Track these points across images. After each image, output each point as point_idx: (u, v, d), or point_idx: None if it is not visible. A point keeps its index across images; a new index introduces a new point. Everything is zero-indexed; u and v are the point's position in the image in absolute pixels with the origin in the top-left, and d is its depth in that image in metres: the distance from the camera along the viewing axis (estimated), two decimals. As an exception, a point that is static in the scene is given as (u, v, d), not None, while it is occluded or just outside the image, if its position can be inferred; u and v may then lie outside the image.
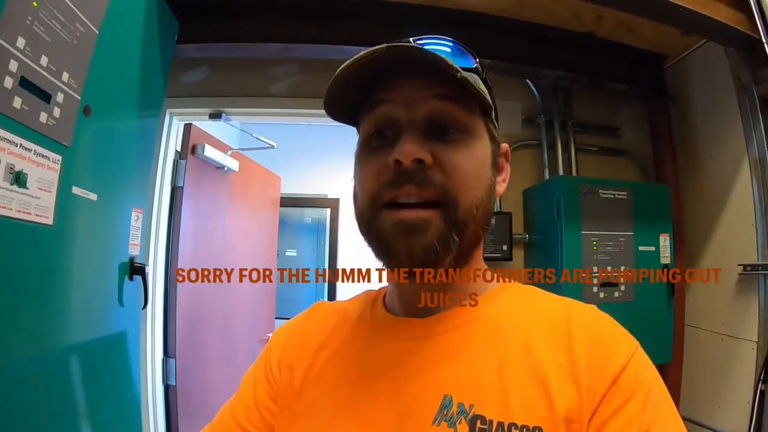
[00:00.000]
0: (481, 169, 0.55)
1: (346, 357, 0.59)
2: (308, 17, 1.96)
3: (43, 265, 1.11)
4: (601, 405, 0.46)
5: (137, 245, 1.56)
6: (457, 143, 0.53)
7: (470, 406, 0.49)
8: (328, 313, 0.69)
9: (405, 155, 0.49)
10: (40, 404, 1.09)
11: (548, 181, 2.18)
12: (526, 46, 2.07)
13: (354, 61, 0.50)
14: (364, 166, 0.55)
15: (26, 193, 1.02)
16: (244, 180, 2.85)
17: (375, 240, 0.53)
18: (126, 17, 1.37)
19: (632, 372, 0.48)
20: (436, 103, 0.52)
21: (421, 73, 0.52)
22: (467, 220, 0.52)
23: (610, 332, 0.53)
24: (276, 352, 0.66)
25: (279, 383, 0.62)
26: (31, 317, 1.07)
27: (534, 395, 0.48)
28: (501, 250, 2.06)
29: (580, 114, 2.32)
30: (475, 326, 0.55)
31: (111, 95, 1.34)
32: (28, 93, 0.99)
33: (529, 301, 0.59)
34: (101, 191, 1.31)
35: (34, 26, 0.97)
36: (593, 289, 1.90)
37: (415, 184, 0.50)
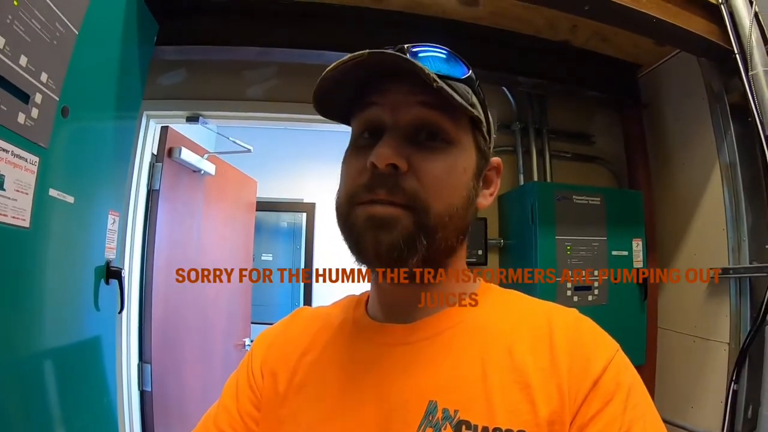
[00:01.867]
0: (459, 179, 0.55)
1: (330, 364, 0.59)
2: (285, 21, 1.96)
3: (18, 268, 1.08)
4: (582, 407, 0.47)
5: (114, 248, 1.54)
6: (437, 151, 0.54)
7: (455, 412, 0.49)
8: (310, 318, 0.69)
9: (380, 158, 0.50)
10: (13, 409, 1.06)
11: (523, 186, 2.21)
12: (501, 54, 2.10)
13: (339, 63, 0.51)
14: (348, 164, 0.57)
15: (3, 195, 1.00)
16: (220, 184, 2.82)
17: (348, 233, 0.54)
18: (106, 18, 1.36)
19: (612, 374, 0.49)
20: (421, 109, 0.53)
21: (410, 78, 0.52)
22: (437, 226, 0.52)
23: (590, 336, 0.54)
24: (258, 358, 0.65)
25: (262, 390, 0.62)
26: (5, 320, 1.04)
27: (517, 399, 0.49)
28: (476, 254, 2.09)
29: (555, 121, 2.37)
30: (458, 331, 0.56)
31: (89, 96, 1.33)
32: (7, 93, 0.98)
33: (510, 305, 0.60)
34: (78, 193, 1.29)
35: (14, 25, 0.96)
36: (567, 292, 1.94)
37: (386, 189, 0.51)
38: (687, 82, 2.07)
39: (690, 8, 1.72)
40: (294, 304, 4.07)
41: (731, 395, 1.72)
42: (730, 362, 1.78)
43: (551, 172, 2.28)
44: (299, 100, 2.30)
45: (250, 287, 3.25)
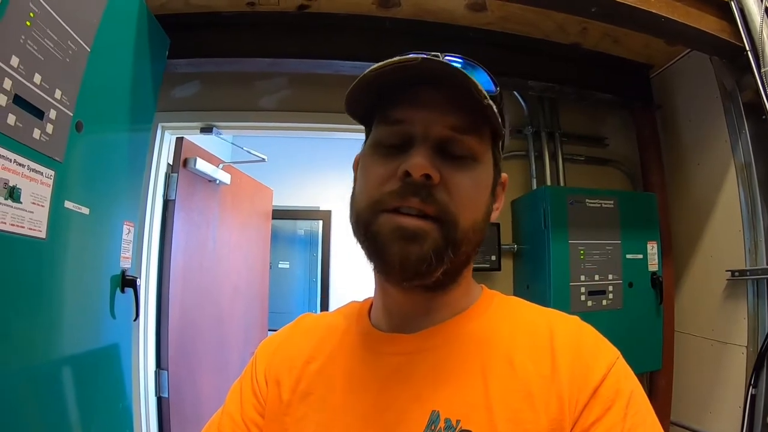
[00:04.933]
0: (483, 195, 0.57)
1: (334, 373, 0.60)
2: (295, 32, 1.99)
3: (36, 278, 1.12)
4: (582, 415, 0.48)
5: (129, 258, 1.58)
6: (465, 166, 0.54)
7: (457, 422, 0.50)
8: (314, 325, 0.69)
9: (415, 168, 0.50)
10: (32, 416, 1.10)
11: (535, 191, 2.20)
12: (512, 59, 2.10)
13: (386, 64, 0.51)
14: (370, 170, 0.56)
15: (20, 208, 1.04)
16: (235, 193, 2.87)
17: (371, 242, 0.53)
18: (117, 34, 1.40)
19: (612, 381, 0.50)
20: (451, 132, 0.54)
21: (445, 91, 0.53)
22: (463, 240, 0.53)
23: (591, 343, 0.54)
24: (262, 365, 0.66)
25: (265, 397, 0.62)
26: (24, 329, 1.08)
27: (519, 408, 0.49)
28: (489, 260, 2.09)
29: (567, 124, 2.36)
30: (460, 342, 0.56)
31: (103, 111, 1.37)
32: (22, 110, 1.02)
33: (512, 314, 0.60)
34: (93, 205, 1.33)
35: (27, 45, 1.00)
36: (581, 297, 1.91)
37: (420, 199, 0.51)
38: (699, 82, 2.04)
39: (700, 6, 1.69)
40: (311, 311, 4.09)
41: (749, 400, 1.69)
42: (748, 366, 1.75)
43: (564, 176, 2.27)
44: (312, 110, 2.33)
45: (266, 295, 3.29)
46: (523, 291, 2.14)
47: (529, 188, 2.27)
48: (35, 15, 1.01)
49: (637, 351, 1.94)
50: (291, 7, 1.94)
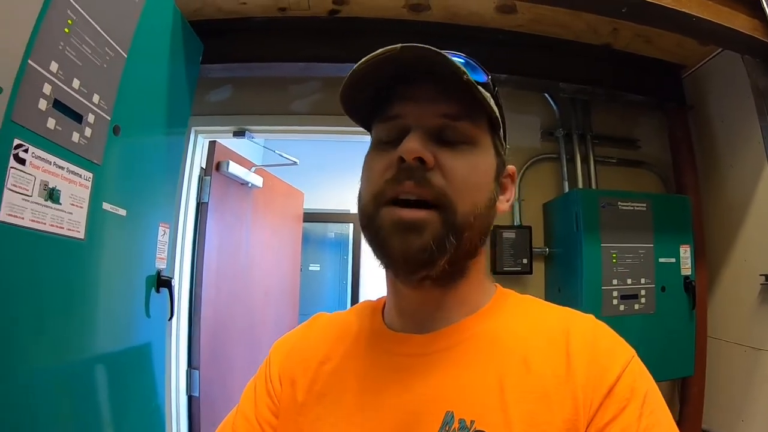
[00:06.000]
0: (482, 180, 0.56)
1: (348, 373, 0.59)
2: (327, 37, 2.01)
3: (74, 277, 1.16)
4: (597, 414, 0.47)
5: (164, 259, 1.62)
6: (461, 151, 0.54)
7: (471, 422, 0.49)
8: (327, 325, 0.69)
9: (407, 152, 0.51)
10: (68, 411, 1.13)
11: (567, 194, 2.16)
12: (543, 60, 2.08)
13: (369, 58, 0.52)
14: (371, 166, 0.57)
15: (59, 209, 1.07)
16: (267, 196, 2.91)
17: (375, 237, 0.54)
18: (152, 41, 1.44)
19: (628, 381, 0.49)
20: (443, 120, 0.54)
21: (436, 78, 0.54)
22: (464, 226, 0.53)
23: (607, 342, 0.54)
24: (276, 365, 0.66)
25: (280, 397, 0.62)
26: (62, 327, 1.12)
27: (534, 409, 0.48)
28: (521, 263, 2.07)
29: (599, 126, 2.32)
30: (475, 342, 0.56)
31: (139, 115, 1.41)
32: (62, 114, 1.05)
33: (527, 313, 0.59)
34: (130, 207, 1.37)
35: (66, 51, 1.04)
36: (613, 301, 1.87)
37: (414, 182, 0.51)
38: (732, 81, 1.97)
39: (731, 5, 1.63)
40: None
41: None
42: (783, 373, 1.68)
43: (596, 179, 2.22)
44: (343, 113, 2.34)
45: (297, 296, 3.31)
46: (554, 294, 2.11)
47: (560, 191, 2.23)
48: (73, 22, 1.05)
49: (669, 356, 1.91)
50: (322, 12, 1.96)
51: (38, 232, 1.01)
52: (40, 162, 1.01)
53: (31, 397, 1.01)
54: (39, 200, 1.01)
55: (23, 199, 0.96)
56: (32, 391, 1.02)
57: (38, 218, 1.01)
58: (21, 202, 0.96)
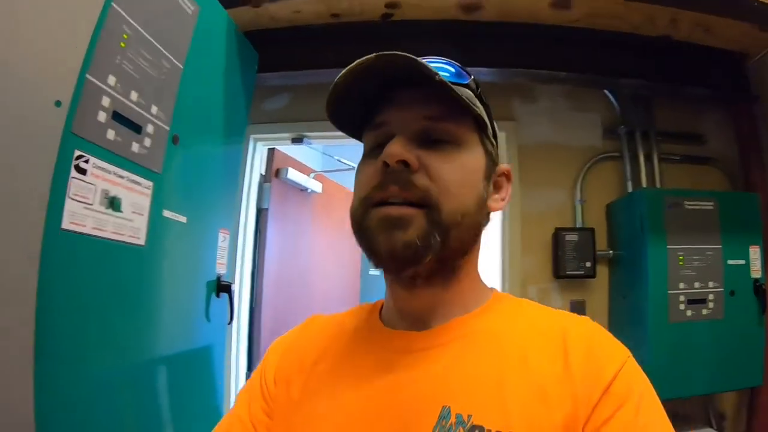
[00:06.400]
0: (469, 178, 0.57)
1: (344, 370, 0.60)
2: (381, 41, 1.99)
3: (136, 282, 1.20)
4: (595, 412, 0.48)
5: (224, 264, 1.66)
6: (445, 151, 0.56)
7: (468, 417, 0.49)
8: (324, 326, 0.70)
9: (390, 156, 0.52)
10: (130, 411, 1.18)
11: (631, 194, 2.06)
12: (600, 56, 1.98)
13: (346, 71, 0.53)
14: (360, 173, 0.58)
15: (120, 217, 1.12)
16: (327, 201, 2.94)
17: (364, 237, 0.55)
18: (208, 52, 1.48)
19: (624, 380, 0.50)
20: (427, 122, 0.56)
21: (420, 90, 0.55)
22: (450, 224, 0.53)
23: (603, 342, 0.54)
24: (272, 366, 0.66)
25: (275, 398, 0.62)
26: (125, 329, 1.16)
27: (532, 405, 0.49)
28: (584, 267, 1.97)
29: (662, 122, 2.19)
30: (472, 339, 0.56)
31: (197, 125, 1.45)
32: (121, 125, 1.10)
33: (524, 314, 0.60)
34: (190, 214, 1.41)
35: (123, 65, 1.08)
36: (680, 306, 1.76)
37: (399, 186, 0.52)
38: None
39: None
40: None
41: None
42: None
43: (660, 177, 2.10)
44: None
45: (357, 300, 3.33)
46: (618, 300, 2.01)
47: (624, 191, 2.12)
48: (129, 36, 1.09)
49: (737, 365, 1.78)
50: (375, 16, 1.95)
51: (100, 239, 1.05)
52: (101, 172, 1.05)
53: (100, 395, 1.06)
54: (100, 209, 1.05)
55: (85, 207, 1.01)
56: (100, 390, 1.07)
57: (100, 226, 1.05)
58: (82, 211, 1.00)
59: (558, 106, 2.24)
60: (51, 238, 0.91)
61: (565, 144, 2.20)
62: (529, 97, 2.26)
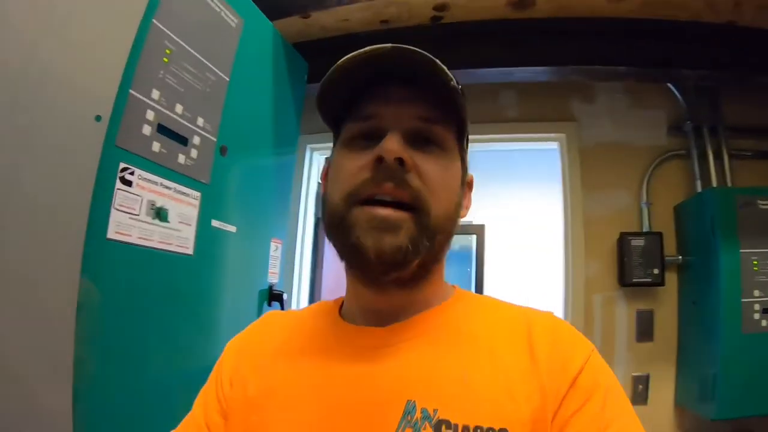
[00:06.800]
0: (453, 185, 0.58)
1: (303, 367, 0.58)
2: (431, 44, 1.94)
3: (185, 290, 1.23)
4: (563, 405, 0.48)
5: (276, 273, 1.67)
6: (434, 154, 0.56)
7: (434, 411, 0.49)
8: (281, 322, 0.68)
9: (389, 152, 0.51)
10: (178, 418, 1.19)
11: (700, 194, 1.91)
12: (660, 48, 1.84)
13: (356, 54, 0.54)
14: (343, 164, 0.57)
15: (167, 227, 1.15)
16: (386, 209, 2.92)
17: (345, 236, 0.53)
18: (254, 64, 1.50)
19: (590, 373, 0.51)
20: (419, 122, 0.56)
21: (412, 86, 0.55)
22: (437, 229, 0.54)
23: (567, 336, 0.55)
24: (228, 366, 0.64)
25: (229, 399, 0.60)
26: (169, 338, 1.18)
27: (499, 397, 0.49)
28: (651, 274, 1.84)
29: (731, 116, 2.00)
30: (437, 334, 0.56)
31: (246, 136, 1.47)
32: (166, 138, 1.13)
33: (488, 308, 0.61)
34: (240, 224, 1.43)
35: (166, 79, 1.11)
36: (754, 316, 1.59)
37: (394, 183, 0.52)
38: None
39: None
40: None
41: None
42: None
43: (731, 175, 1.92)
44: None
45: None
46: (688, 308, 1.85)
47: (693, 191, 1.96)
48: (171, 52, 1.12)
49: None
50: (424, 20, 1.91)
51: (146, 248, 1.08)
52: (147, 183, 1.08)
53: (158, 397, 1.09)
54: (146, 219, 1.09)
55: (130, 217, 1.04)
56: (159, 391, 1.10)
57: (146, 236, 1.08)
58: (128, 221, 1.03)
59: (619, 104, 2.12)
60: (95, 247, 0.94)
61: (628, 143, 2.07)
62: (588, 95, 2.15)
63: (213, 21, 1.27)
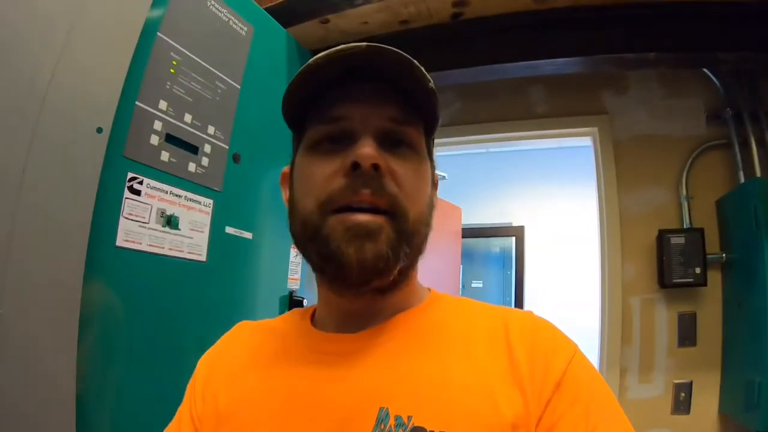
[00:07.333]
0: (426, 187, 0.57)
1: (274, 377, 0.56)
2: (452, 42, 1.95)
3: (198, 296, 1.24)
4: (547, 409, 0.46)
5: (296, 279, 1.67)
6: (405, 156, 0.54)
7: (408, 418, 0.46)
8: (252, 332, 0.66)
9: (365, 158, 0.49)
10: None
11: (742, 185, 1.77)
12: (692, 30, 1.72)
13: (332, 53, 0.51)
14: (311, 170, 0.54)
15: (178, 234, 1.17)
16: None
17: (322, 246, 0.51)
18: (267, 70, 1.51)
19: (574, 375, 0.48)
20: (390, 123, 0.54)
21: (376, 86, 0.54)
22: (413, 233, 0.53)
23: (547, 336, 0.53)
24: (200, 381, 0.62)
25: (201, 416, 0.58)
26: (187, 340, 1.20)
27: (477, 403, 0.47)
28: (693, 273, 1.71)
29: None
30: (410, 336, 0.54)
31: (260, 142, 1.48)
32: (175, 147, 1.15)
33: (465, 310, 0.58)
34: (256, 230, 1.44)
35: (173, 89, 1.13)
36: None
37: (371, 190, 0.50)
38: None
39: None
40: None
41: None
42: None
43: None
44: (485, 120, 2.29)
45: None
46: (733, 309, 1.72)
47: (735, 183, 1.82)
48: (178, 62, 1.14)
49: None
50: (444, 17, 1.88)
51: (156, 255, 1.11)
52: (156, 192, 1.11)
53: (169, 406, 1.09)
54: (156, 226, 1.11)
55: (140, 225, 1.06)
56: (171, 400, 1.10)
57: (156, 243, 1.11)
58: (137, 229, 1.06)
59: (653, 94, 2.01)
60: (104, 254, 0.97)
61: (664, 135, 1.96)
62: (620, 86, 2.06)
63: (221, 30, 1.29)
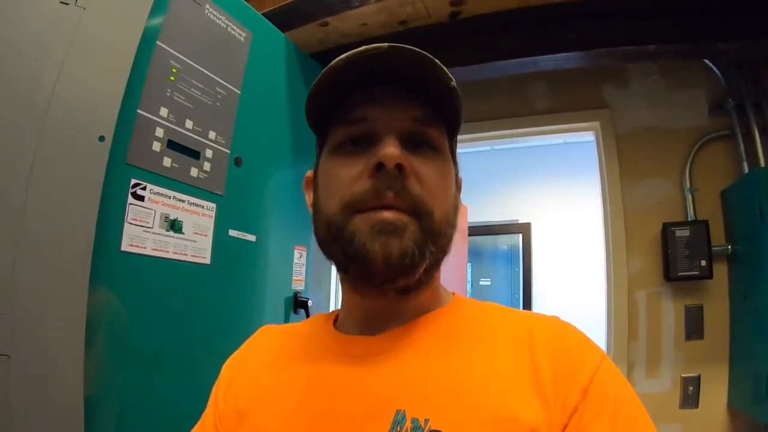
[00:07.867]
0: (450, 187, 0.56)
1: (293, 378, 0.57)
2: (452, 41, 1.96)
3: (204, 298, 1.26)
4: (573, 418, 0.45)
5: (301, 281, 1.69)
6: (428, 157, 0.54)
7: (425, 421, 0.46)
8: (274, 335, 0.68)
9: (388, 158, 0.49)
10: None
11: (747, 176, 1.76)
12: (691, 21, 1.71)
13: (352, 54, 0.51)
14: (335, 173, 0.54)
15: (182, 238, 1.19)
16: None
17: (347, 245, 0.50)
18: (267, 74, 1.53)
19: (601, 383, 0.47)
20: (413, 124, 0.54)
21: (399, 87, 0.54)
22: (439, 232, 0.52)
23: (573, 343, 0.51)
24: (223, 386, 0.63)
25: (223, 416, 0.60)
26: (193, 341, 1.22)
27: (496, 407, 0.46)
28: (698, 266, 1.70)
29: None
30: (431, 339, 0.53)
31: (262, 146, 1.50)
32: (177, 153, 1.17)
33: (488, 314, 0.57)
34: (260, 233, 1.46)
35: (174, 96, 1.16)
36: None
37: (395, 193, 0.50)
38: None
39: None
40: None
41: None
42: None
43: None
44: (487, 117, 2.29)
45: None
46: (740, 301, 1.70)
47: (739, 173, 1.81)
48: (178, 70, 1.16)
49: None
50: (443, 17, 1.89)
51: (161, 259, 1.13)
52: (159, 197, 1.13)
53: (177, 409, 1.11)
54: (160, 231, 1.13)
55: (144, 230, 1.09)
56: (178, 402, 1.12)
57: (160, 247, 1.13)
58: (141, 234, 1.08)
59: (654, 86, 2.01)
60: (109, 259, 0.99)
61: (666, 127, 1.96)
62: (621, 80, 2.06)
63: (220, 37, 1.31)
